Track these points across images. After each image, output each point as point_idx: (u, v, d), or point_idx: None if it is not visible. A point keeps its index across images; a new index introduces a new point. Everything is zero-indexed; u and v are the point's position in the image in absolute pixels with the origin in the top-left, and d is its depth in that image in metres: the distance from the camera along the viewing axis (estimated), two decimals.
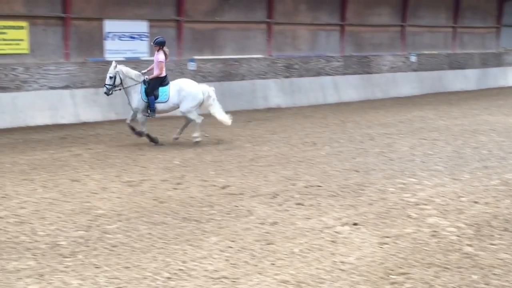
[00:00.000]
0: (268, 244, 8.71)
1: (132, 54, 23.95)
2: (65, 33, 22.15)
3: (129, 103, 17.00)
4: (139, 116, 16.84)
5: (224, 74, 26.04)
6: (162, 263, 7.89)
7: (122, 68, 16.80)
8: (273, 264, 7.94)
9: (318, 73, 29.05)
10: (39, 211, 10.30)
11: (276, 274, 7.57)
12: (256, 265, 7.89)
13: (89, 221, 9.72)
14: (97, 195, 11.43)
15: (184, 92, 16.89)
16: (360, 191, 11.83)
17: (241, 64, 26.64)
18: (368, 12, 31.53)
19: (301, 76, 28.36)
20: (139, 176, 12.94)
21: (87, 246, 8.56)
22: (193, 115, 17.06)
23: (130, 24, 23.91)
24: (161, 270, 7.64)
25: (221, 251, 8.39)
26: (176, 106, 17.12)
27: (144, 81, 16.74)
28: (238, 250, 8.45)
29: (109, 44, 23.45)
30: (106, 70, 22.75)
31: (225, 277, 7.44)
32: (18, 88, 20.81)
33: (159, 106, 16.79)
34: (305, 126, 20.69)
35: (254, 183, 12.42)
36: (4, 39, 20.97)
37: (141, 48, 24.23)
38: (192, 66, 24.93)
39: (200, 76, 25.15)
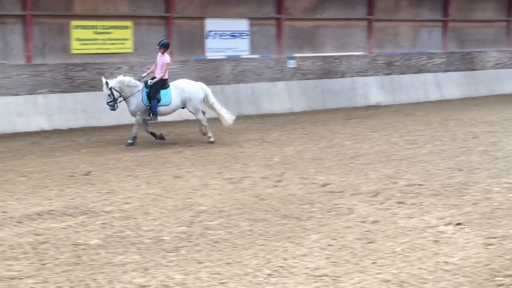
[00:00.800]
0: (369, 242, 8.62)
1: (232, 52, 24.18)
2: (167, 32, 22.56)
3: (128, 109, 16.83)
4: (137, 117, 16.65)
5: (323, 72, 25.95)
6: (263, 260, 7.91)
7: (115, 81, 16.44)
8: (374, 263, 7.84)
9: (420, 70, 28.57)
10: (143, 207, 10.52)
11: (378, 273, 7.47)
12: (357, 264, 7.81)
13: (191, 217, 9.85)
14: (198, 191, 11.57)
15: (186, 93, 16.91)
16: (464, 190, 11.53)
17: (341, 62, 26.48)
18: (472, 7, 30.73)
19: (402, 73, 27.95)
20: (239, 173, 13.04)
21: (190, 241, 8.67)
22: (200, 115, 17.08)
23: (231, 23, 24.14)
24: (262, 267, 7.66)
25: (322, 249, 8.34)
26: (178, 108, 17.28)
27: (146, 85, 16.60)
28: (339, 248, 8.39)
29: (210, 43, 23.75)
30: (208, 69, 23.29)
31: (326, 275, 7.39)
32: None
33: (161, 109, 16.72)
34: (406, 124, 20.39)
35: (355, 181, 12.31)
36: (110, 39, 21.59)
37: (241, 46, 24.43)
38: (291, 64, 24.96)
39: (299, 74, 25.21)
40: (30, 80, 19.81)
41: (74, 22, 20.83)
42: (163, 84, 16.68)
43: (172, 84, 16.96)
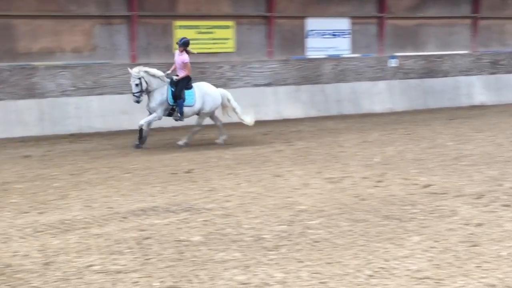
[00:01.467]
0: (473, 246, 8.38)
1: (333, 51, 24.12)
2: (268, 31, 22.71)
3: (148, 104, 16.45)
4: (154, 116, 16.31)
5: (426, 71, 25.57)
6: (364, 261, 7.82)
7: (145, 70, 16.11)
8: (479, 266, 7.62)
9: None
10: (243, 205, 10.57)
11: (482, 278, 7.26)
12: (460, 267, 7.61)
13: (292, 216, 9.84)
14: (299, 190, 11.55)
15: (208, 96, 16.65)
16: None
17: (444, 61, 26.02)
18: None
19: (508, 72, 27.18)
20: (339, 173, 12.96)
21: (290, 240, 8.66)
22: (202, 121, 16.92)
23: (331, 22, 24.10)
24: (362, 268, 7.58)
25: (424, 251, 8.18)
26: (198, 112, 16.82)
27: (171, 81, 16.25)
28: (442, 250, 8.20)
29: (310, 42, 23.76)
30: (308, 68, 23.27)
31: (428, 278, 7.24)
32: (224, 85, 21.55)
33: (185, 109, 16.41)
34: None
35: (458, 182, 12.01)
36: (212, 38, 21.91)
37: (342, 45, 24.33)
38: (393, 63, 24.68)
39: (401, 73, 24.89)
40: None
41: (178, 23, 21.24)
42: (187, 83, 16.37)
43: (195, 86, 16.70)
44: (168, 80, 16.30)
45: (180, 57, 16.31)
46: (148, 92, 16.05)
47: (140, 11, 20.41)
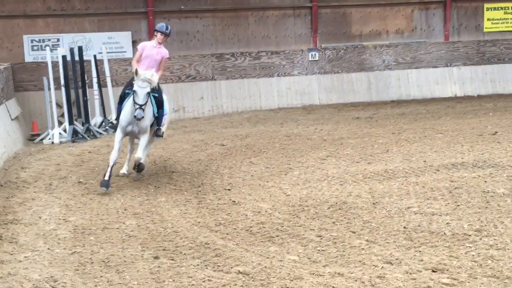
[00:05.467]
0: None
1: None
2: None
3: (137, 124, 9.54)
4: (146, 140, 9.77)
5: None
6: None
7: (148, 76, 9.42)
8: None
9: None
10: None
11: None
12: None
13: None
14: None
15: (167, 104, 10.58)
16: None
17: None
18: None
19: None
20: None
21: None
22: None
23: None
24: None
25: None
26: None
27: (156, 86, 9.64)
28: None
29: None
30: None
31: None
32: None
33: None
34: None
35: None
36: None
37: None
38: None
39: None
40: (447, 55, 19.74)
41: (487, 5, 20.09)
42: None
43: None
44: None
45: (159, 50, 9.99)
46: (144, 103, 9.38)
47: None
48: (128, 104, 9.50)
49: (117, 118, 9.86)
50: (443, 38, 19.88)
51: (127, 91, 9.72)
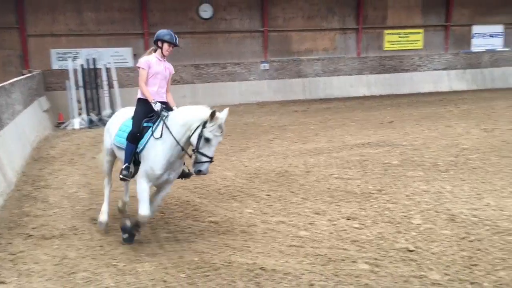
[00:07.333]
0: None
1: (490, 47, 21.57)
2: (446, 35, 20.91)
3: (173, 170, 5.09)
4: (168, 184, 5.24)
5: None
6: (507, 182, 7.08)
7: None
8: None
9: None
10: (425, 143, 10.03)
11: None
12: None
13: (457, 152, 9.17)
14: (462, 136, 10.67)
15: None
16: None
17: None
18: None
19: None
20: (492, 126, 11.72)
21: (456, 166, 8.10)
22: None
23: (490, 27, 21.48)
24: (506, 187, 6.87)
25: None
26: None
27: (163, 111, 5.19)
28: None
29: (475, 41, 21.45)
30: (472, 58, 21.05)
31: None
32: (415, 70, 20.46)
33: None
34: None
35: None
36: (408, 40, 20.66)
37: (497, 43, 21.67)
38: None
39: None
40: (359, 66, 19.93)
41: (386, 31, 20.32)
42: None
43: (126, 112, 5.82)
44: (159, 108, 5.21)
45: (166, 65, 5.43)
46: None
47: (364, 25, 19.80)
48: (166, 148, 4.88)
49: (128, 161, 5.11)
50: (356, 54, 20.05)
51: (145, 123, 5.12)
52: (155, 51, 5.37)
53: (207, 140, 4.77)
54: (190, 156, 4.85)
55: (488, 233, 5.23)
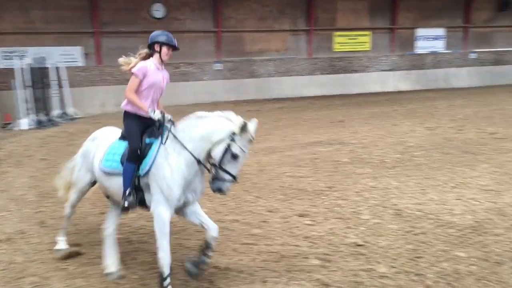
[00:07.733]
0: None
1: (433, 49, 22.44)
2: (392, 37, 21.55)
3: (192, 189, 4.08)
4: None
5: (495, 61, 23.05)
6: (449, 177, 7.39)
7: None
8: None
9: None
10: (373, 141, 10.28)
11: None
12: None
13: (403, 149, 9.45)
14: (407, 134, 11.01)
15: None
16: None
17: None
18: None
19: None
20: (435, 124, 12.18)
21: (402, 163, 8.35)
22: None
23: (432, 30, 22.35)
24: (448, 182, 7.17)
25: (489, 173, 7.55)
26: None
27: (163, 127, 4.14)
28: (502, 173, 7.54)
29: (419, 43, 22.26)
30: (416, 59, 21.85)
31: (492, 190, 6.72)
32: (363, 71, 20.97)
33: None
34: None
35: None
36: (357, 42, 21.16)
37: (439, 45, 22.57)
38: (472, 55, 22.51)
39: (478, 62, 22.65)
40: (310, 66, 20.22)
41: (336, 33, 20.72)
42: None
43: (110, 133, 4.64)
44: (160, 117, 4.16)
45: (164, 74, 4.38)
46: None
47: (315, 26, 20.09)
48: (181, 169, 3.92)
49: (129, 185, 4.05)
50: (307, 55, 20.34)
51: (147, 140, 4.14)
52: (150, 55, 4.32)
53: (235, 156, 3.82)
54: (209, 171, 3.92)
55: (432, 227, 5.43)
